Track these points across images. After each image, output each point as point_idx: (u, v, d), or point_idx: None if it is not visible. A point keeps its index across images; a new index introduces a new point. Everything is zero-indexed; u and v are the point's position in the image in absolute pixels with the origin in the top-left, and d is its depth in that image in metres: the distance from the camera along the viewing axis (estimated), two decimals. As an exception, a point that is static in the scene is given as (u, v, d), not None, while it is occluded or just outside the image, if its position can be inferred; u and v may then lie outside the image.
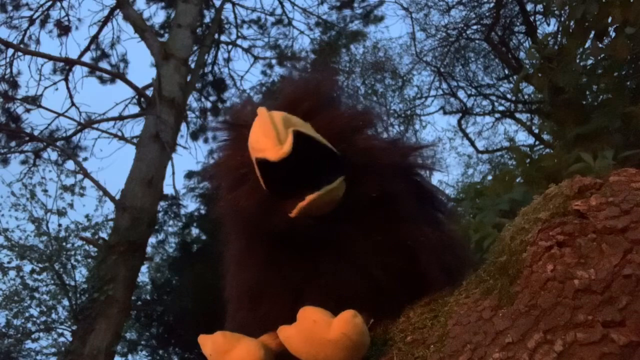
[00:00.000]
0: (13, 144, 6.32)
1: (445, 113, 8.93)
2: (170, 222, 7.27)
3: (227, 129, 0.75)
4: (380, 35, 13.24)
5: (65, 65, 6.37)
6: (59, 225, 7.31)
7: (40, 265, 7.34)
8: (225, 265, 0.76)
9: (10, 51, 6.30)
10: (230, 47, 7.45)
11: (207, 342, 0.62)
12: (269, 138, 0.56)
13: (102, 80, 6.77)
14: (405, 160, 0.73)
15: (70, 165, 6.96)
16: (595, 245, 0.51)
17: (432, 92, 8.77)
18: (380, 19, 7.72)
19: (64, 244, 7.27)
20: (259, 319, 0.67)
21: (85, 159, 6.61)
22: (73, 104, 6.40)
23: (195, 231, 7.15)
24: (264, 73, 7.59)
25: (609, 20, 2.26)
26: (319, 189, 0.59)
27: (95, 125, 6.08)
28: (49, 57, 5.90)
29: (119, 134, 6.09)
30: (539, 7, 6.12)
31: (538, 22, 6.75)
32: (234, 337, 0.62)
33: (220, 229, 0.75)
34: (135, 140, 5.12)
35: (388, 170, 0.66)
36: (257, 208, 0.63)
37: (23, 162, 6.52)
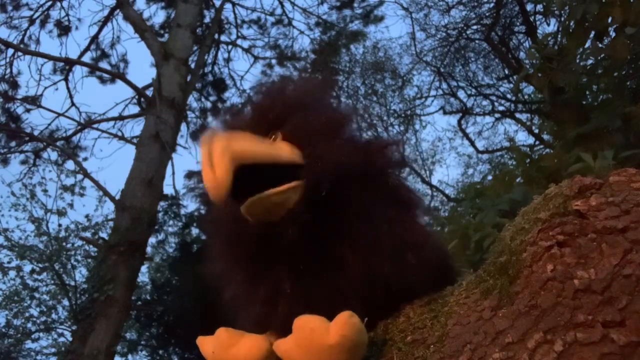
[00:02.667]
0: (13, 144, 6.32)
1: (445, 113, 8.94)
2: (170, 222, 7.28)
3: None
4: (380, 35, 13.26)
5: (65, 65, 6.37)
6: (59, 225, 7.33)
7: (40, 265, 7.35)
8: (216, 278, 0.77)
9: (10, 51, 6.30)
10: (230, 47, 7.45)
11: (207, 342, 0.63)
12: (208, 179, 0.57)
13: (102, 80, 6.76)
14: (372, 160, 0.73)
15: (70, 165, 6.98)
16: (595, 245, 0.51)
17: (432, 92, 8.79)
18: (380, 19, 7.72)
19: (64, 244, 7.28)
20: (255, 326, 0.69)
21: (85, 159, 6.62)
22: (73, 104, 6.40)
23: (195, 231, 7.15)
24: (264, 73, 7.59)
25: (609, 20, 2.26)
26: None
27: (95, 125, 6.09)
28: (49, 57, 5.90)
29: (119, 134, 6.09)
30: (539, 7, 6.12)
31: (538, 22, 6.75)
32: (237, 332, 0.63)
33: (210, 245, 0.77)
34: (135, 140, 5.12)
35: (345, 171, 0.67)
36: (227, 218, 0.66)
37: (23, 162, 6.53)
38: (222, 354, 0.61)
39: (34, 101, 6.25)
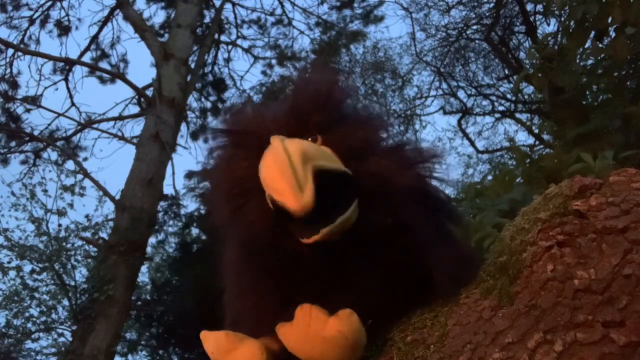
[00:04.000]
0: (13, 144, 6.32)
1: (445, 113, 8.94)
2: (170, 222, 7.26)
3: (226, 134, 0.70)
4: (380, 35, 13.23)
5: (65, 65, 6.37)
6: (59, 225, 7.31)
7: (40, 265, 7.34)
8: (224, 280, 0.73)
9: (10, 51, 6.31)
10: (230, 47, 7.45)
11: (210, 340, 0.62)
12: (287, 183, 0.51)
13: (102, 80, 6.76)
14: (414, 174, 0.69)
15: (70, 165, 6.97)
16: (595, 245, 0.51)
17: (432, 92, 8.78)
18: (380, 19, 7.72)
19: (64, 244, 7.27)
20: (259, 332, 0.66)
21: (85, 159, 6.62)
22: (73, 104, 6.40)
23: (195, 231, 7.14)
24: (264, 73, 7.60)
25: (609, 20, 2.26)
26: (332, 218, 0.56)
27: (95, 125, 6.09)
28: (49, 57, 5.90)
29: (119, 134, 6.09)
30: (539, 7, 6.12)
31: (538, 22, 6.75)
32: (237, 337, 0.62)
33: (218, 237, 0.72)
34: (135, 140, 5.12)
35: (399, 194, 0.62)
36: (265, 228, 0.60)
37: (23, 162, 6.53)
38: (220, 358, 0.61)
39: (34, 101, 6.25)
